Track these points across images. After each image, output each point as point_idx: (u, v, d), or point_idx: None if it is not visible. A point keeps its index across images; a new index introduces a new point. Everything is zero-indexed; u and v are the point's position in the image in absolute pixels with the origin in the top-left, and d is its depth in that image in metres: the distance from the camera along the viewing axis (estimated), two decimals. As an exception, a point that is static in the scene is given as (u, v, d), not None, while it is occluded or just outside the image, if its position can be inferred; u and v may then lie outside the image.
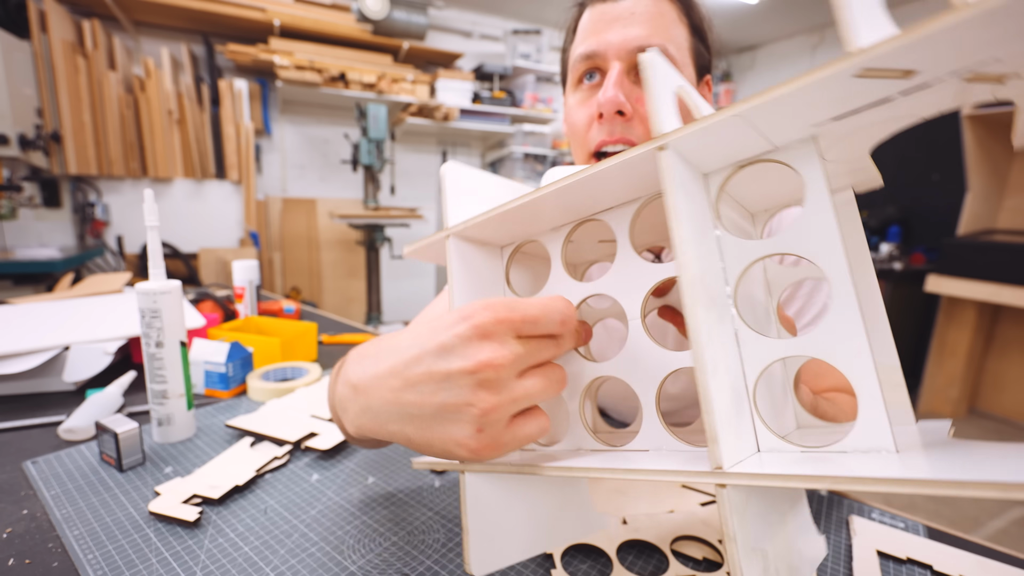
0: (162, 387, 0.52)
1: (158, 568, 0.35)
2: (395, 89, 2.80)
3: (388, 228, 2.82)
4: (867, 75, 0.18)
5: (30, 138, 1.92)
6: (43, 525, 0.40)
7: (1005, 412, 2.59)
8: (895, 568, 0.37)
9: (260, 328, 0.87)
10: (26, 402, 0.64)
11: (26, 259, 1.80)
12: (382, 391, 0.27)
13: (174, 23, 2.58)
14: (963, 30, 0.15)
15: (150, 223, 0.51)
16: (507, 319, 0.25)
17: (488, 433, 0.25)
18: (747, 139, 0.23)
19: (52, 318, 0.78)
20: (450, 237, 0.32)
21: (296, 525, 0.41)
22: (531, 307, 0.26)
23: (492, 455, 0.26)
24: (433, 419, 0.26)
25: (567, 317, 0.27)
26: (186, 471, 0.48)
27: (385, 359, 0.28)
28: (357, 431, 0.30)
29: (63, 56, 2.19)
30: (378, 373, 0.28)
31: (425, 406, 0.26)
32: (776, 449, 0.24)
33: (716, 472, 0.21)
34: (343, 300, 3.22)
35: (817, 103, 0.20)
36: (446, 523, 0.42)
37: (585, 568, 0.37)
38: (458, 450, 0.26)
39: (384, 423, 0.28)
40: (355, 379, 0.30)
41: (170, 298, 0.52)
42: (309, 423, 0.56)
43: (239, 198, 2.76)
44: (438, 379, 0.25)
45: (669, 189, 0.23)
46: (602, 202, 0.30)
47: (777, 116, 0.21)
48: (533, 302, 0.26)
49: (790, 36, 3.70)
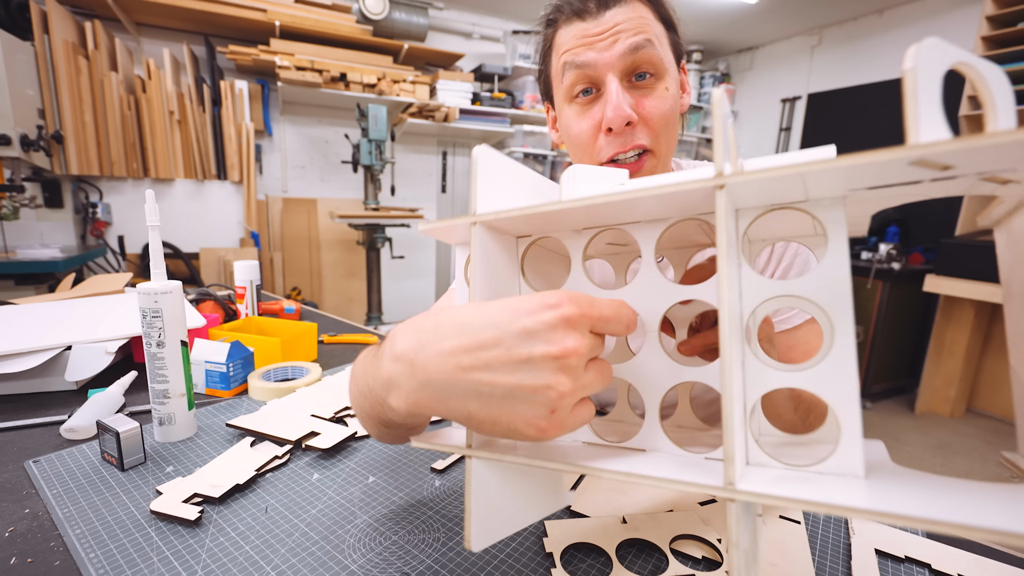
0: (163, 387, 0.53)
1: (159, 567, 0.36)
2: (395, 90, 2.80)
3: (388, 228, 2.82)
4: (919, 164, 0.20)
5: (32, 138, 1.92)
6: (45, 524, 0.40)
7: (1003, 412, 2.59)
8: (893, 567, 0.38)
9: (261, 328, 0.87)
10: (28, 401, 0.64)
11: (28, 259, 1.80)
12: (448, 368, 0.27)
13: (175, 24, 2.59)
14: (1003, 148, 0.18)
15: (151, 223, 0.51)
16: (589, 315, 0.27)
17: (558, 416, 0.26)
18: (792, 189, 0.25)
19: (54, 318, 0.78)
20: (477, 225, 0.32)
21: (297, 524, 0.41)
22: (607, 307, 0.28)
23: (555, 435, 0.27)
24: (504, 398, 0.26)
25: (632, 323, 0.29)
26: (187, 470, 0.48)
27: (452, 337, 0.28)
28: (410, 407, 0.30)
29: (65, 57, 2.20)
30: (444, 350, 0.28)
31: (499, 385, 0.26)
32: (762, 463, 0.27)
33: (727, 488, 0.23)
34: (343, 300, 3.23)
35: (865, 175, 0.23)
36: (446, 522, 0.42)
37: (585, 567, 0.37)
38: (527, 429, 0.27)
39: (446, 398, 0.28)
40: (410, 354, 0.29)
41: (171, 298, 0.52)
42: (309, 423, 0.56)
43: (240, 198, 2.76)
44: (517, 361, 0.26)
45: (720, 227, 0.25)
46: (631, 216, 0.31)
47: (829, 178, 0.23)
48: (608, 303, 0.28)
49: (789, 37, 3.70)
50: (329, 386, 0.68)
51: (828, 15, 3.27)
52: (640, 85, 0.55)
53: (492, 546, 0.39)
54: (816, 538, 0.41)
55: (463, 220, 0.33)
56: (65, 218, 2.41)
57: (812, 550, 0.39)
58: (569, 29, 0.56)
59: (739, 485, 0.23)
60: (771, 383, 0.26)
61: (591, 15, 0.54)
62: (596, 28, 0.54)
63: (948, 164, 0.21)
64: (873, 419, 2.62)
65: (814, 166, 0.22)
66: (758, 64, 3.98)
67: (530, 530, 0.41)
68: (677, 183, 0.26)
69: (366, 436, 0.56)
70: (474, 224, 0.32)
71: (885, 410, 2.74)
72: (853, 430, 0.24)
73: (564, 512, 0.43)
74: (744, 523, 0.24)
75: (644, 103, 0.55)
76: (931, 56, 0.20)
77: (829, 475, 0.25)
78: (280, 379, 0.70)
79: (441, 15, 3.22)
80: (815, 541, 0.40)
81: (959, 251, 2.39)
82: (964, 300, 2.47)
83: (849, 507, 0.20)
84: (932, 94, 0.20)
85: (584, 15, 0.55)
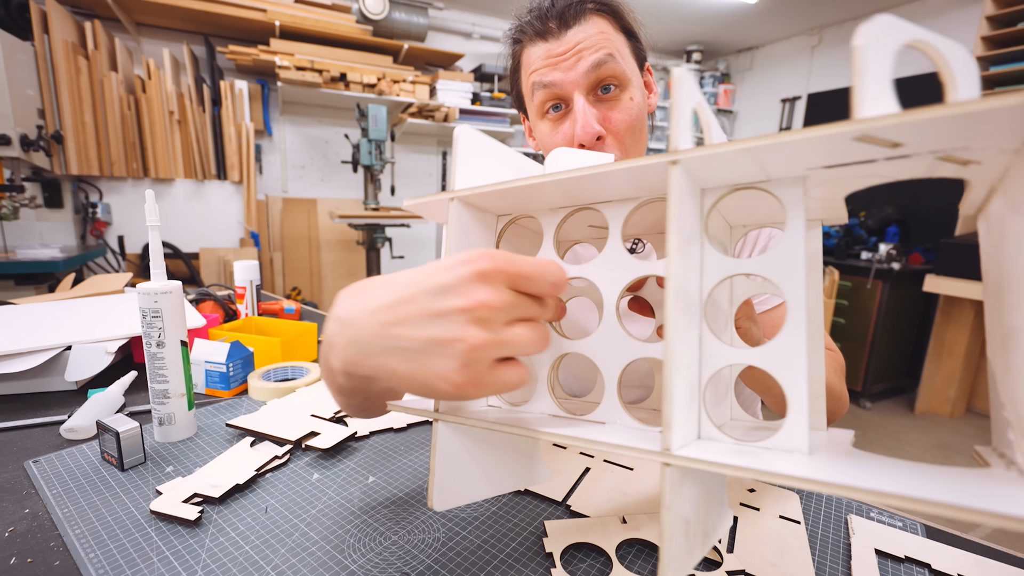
0: (163, 387, 0.53)
1: (159, 567, 0.36)
2: (395, 90, 2.80)
3: (388, 228, 2.82)
4: (864, 140, 0.20)
5: (32, 138, 1.92)
6: (45, 524, 0.40)
7: (1005, 412, 2.58)
8: (893, 567, 0.38)
9: (261, 328, 0.87)
10: (28, 401, 0.64)
11: (28, 259, 1.80)
12: (371, 324, 0.28)
13: (175, 24, 2.59)
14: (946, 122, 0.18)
15: (151, 223, 0.51)
16: (505, 270, 0.27)
17: (473, 370, 0.26)
18: (748, 168, 0.26)
19: (53, 318, 0.78)
20: (454, 200, 0.34)
21: (297, 524, 0.41)
22: (528, 264, 0.28)
23: (472, 393, 0.27)
24: (420, 352, 0.26)
25: (558, 281, 0.28)
26: (187, 470, 0.48)
27: (377, 295, 0.29)
28: (343, 364, 0.31)
29: (65, 57, 2.20)
30: (369, 308, 0.29)
31: (414, 339, 0.27)
32: (713, 438, 0.28)
33: (664, 453, 0.24)
34: (343, 300, 3.22)
35: (816, 152, 0.23)
36: (446, 522, 0.42)
37: (585, 567, 0.37)
38: (441, 384, 0.26)
39: (370, 355, 0.29)
40: (344, 314, 0.30)
41: (171, 298, 0.52)
42: (309, 422, 0.56)
43: (240, 198, 2.76)
44: (432, 314, 0.26)
45: (672, 201, 0.25)
46: (602, 195, 0.32)
47: (780, 156, 0.24)
48: (530, 260, 0.28)
49: (789, 37, 3.70)
50: (329, 386, 0.68)
51: (828, 15, 3.28)
52: (605, 98, 0.58)
53: (492, 546, 0.39)
54: (816, 538, 0.41)
55: (442, 196, 0.34)
56: (65, 218, 2.41)
57: (812, 550, 0.39)
58: (534, 49, 0.59)
59: (675, 451, 0.24)
60: (724, 360, 0.27)
61: (553, 35, 0.57)
62: (559, 48, 0.56)
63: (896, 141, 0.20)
64: (873, 419, 2.62)
65: (762, 141, 0.22)
66: (758, 64, 3.98)
67: (530, 530, 0.41)
68: (639, 160, 0.26)
69: (366, 436, 0.56)
70: (452, 200, 0.34)
71: (885, 410, 2.74)
72: (799, 408, 0.25)
73: (564, 512, 0.44)
74: (681, 490, 0.24)
75: (611, 116, 0.58)
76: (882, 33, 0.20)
77: (775, 450, 0.25)
78: (280, 379, 0.70)
79: (441, 15, 3.22)
80: (815, 541, 0.40)
81: (959, 251, 2.39)
82: (964, 300, 2.47)
83: (781, 474, 0.21)
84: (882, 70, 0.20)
85: (547, 36, 0.57)
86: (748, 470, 0.22)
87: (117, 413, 0.57)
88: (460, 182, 0.34)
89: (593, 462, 0.51)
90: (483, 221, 0.37)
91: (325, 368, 0.35)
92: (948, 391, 2.62)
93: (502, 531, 0.41)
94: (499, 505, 0.45)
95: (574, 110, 0.57)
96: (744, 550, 0.38)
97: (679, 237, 0.25)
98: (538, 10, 0.58)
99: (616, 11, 0.59)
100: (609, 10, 0.59)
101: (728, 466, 0.22)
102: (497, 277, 0.26)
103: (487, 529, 0.41)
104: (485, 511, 0.44)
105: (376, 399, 0.38)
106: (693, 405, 0.27)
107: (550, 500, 0.45)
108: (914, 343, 2.96)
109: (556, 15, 0.56)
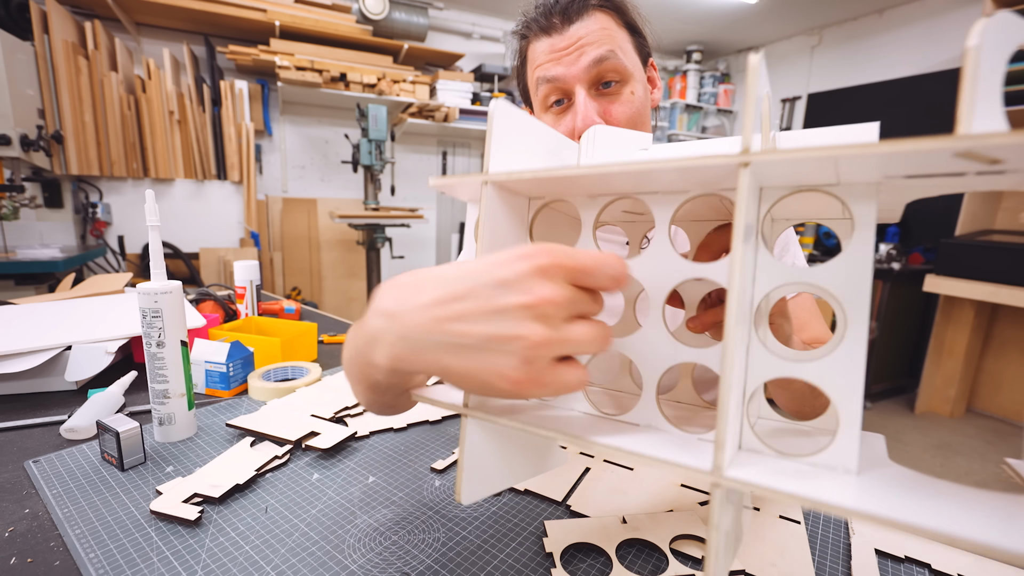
0: (163, 387, 0.53)
1: (159, 567, 0.36)
2: (395, 90, 2.80)
3: (388, 228, 2.82)
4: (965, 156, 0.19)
5: (32, 138, 1.92)
6: (45, 524, 0.40)
7: (1002, 412, 2.59)
8: (893, 567, 0.38)
9: (261, 328, 0.87)
10: (28, 401, 0.64)
11: (28, 259, 1.80)
12: (424, 320, 0.27)
13: (175, 24, 2.58)
14: None
15: (151, 223, 0.51)
16: (565, 265, 0.26)
17: (533, 368, 0.25)
18: (822, 172, 0.24)
19: (54, 318, 0.78)
20: (488, 184, 0.31)
21: (297, 524, 0.41)
22: (587, 258, 0.27)
23: (532, 392, 0.26)
24: (478, 349, 0.26)
25: (619, 275, 0.27)
26: (187, 470, 0.48)
27: (429, 290, 0.28)
28: (390, 361, 0.30)
29: (65, 57, 2.20)
30: (420, 303, 0.28)
31: (472, 336, 0.26)
32: (755, 449, 0.27)
33: (715, 473, 0.23)
34: (343, 300, 3.22)
35: (904, 163, 0.21)
36: (446, 522, 0.42)
37: (585, 567, 0.37)
38: (500, 382, 0.26)
39: (421, 351, 0.28)
40: (391, 308, 0.29)
41: (171, 298, 0.52)
42: (309, 422, 0.56)
43: (240, 198, 2.76)
44: (491, 311, 0.25)
45: (740, 206, 0.23)
46: (648, 185, 0.30)
47: (865, 163, 0.22)
48: (590, 253, 0.27)
49: (789, 37, 3.70)
50: (329, 386, 0.68)
51: (828, 15, 3.27)
52: (607, 92, 0.59)
53: (492, 546, 0.39)
54: (816, 538, 0.41)
55: (474, 179, 0.32)
56: (65, 218, 2.41)
57: (812, 550, 0.39)
58: (539, 44, 0.60)
59: (727, 472, 0.23)
60: (775, 371, 0.26)
61: (557, 30, 0.58)
62: (563, 43, 0.58)
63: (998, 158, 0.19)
64: (873, 419, 2.62)
65: (850, 150, 0.20)
66: (758, 64, 3.98)
67: (530, 530, 0.41)
68: (700, 157, 0.24)
69: (366, 436, 0.56)
70: (485, 184, 0.31)
71: (885, 410, 2.74)
72: (852, 426, 0.24)
73: (564, 512, 0.44)
74: (726, 508, 0.23)
75: (611, 109, 0.59)
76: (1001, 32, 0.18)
77: (821, 467, 0.24)
78: (280, 379, 0.70)
79: (441, 15, 3.22)
80: (815, 541, 0.40)
81: (959, 251, 2.39)
82: (964, 300, 2.47)
83: (836, 505, 0.20)
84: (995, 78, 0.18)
85: (551, 31, 0.59)
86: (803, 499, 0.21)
87: (117, 413, 0.57)
88: (495, 163, 0.31)
89: (593, 462, 0.51)
90: (515, 204, 0.35)
91: (362, 363, 0.34)
92: (948, 391, 2.62)
93: (502, 531, 0.41)
94: (499, 505, 0.45)
95: (576, 103, 0.59)
96: (744, 550, 0.38)
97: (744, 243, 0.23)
98: (543, 6, 0.59)
99: (620, 7, 0.60)
100: (612, 6, 0.60)
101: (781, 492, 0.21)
102: (557, 272, 0.26)
103: (487, 529, 0.41)
104: (485, 511, 0.44)
105: (407, 395, 0.38)
106: (739, 416, 0.26)
107: (550, 500, 0.45)
108: (914, 343, 2.96)
109: (560, 11, 0.58)
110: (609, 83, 0.58)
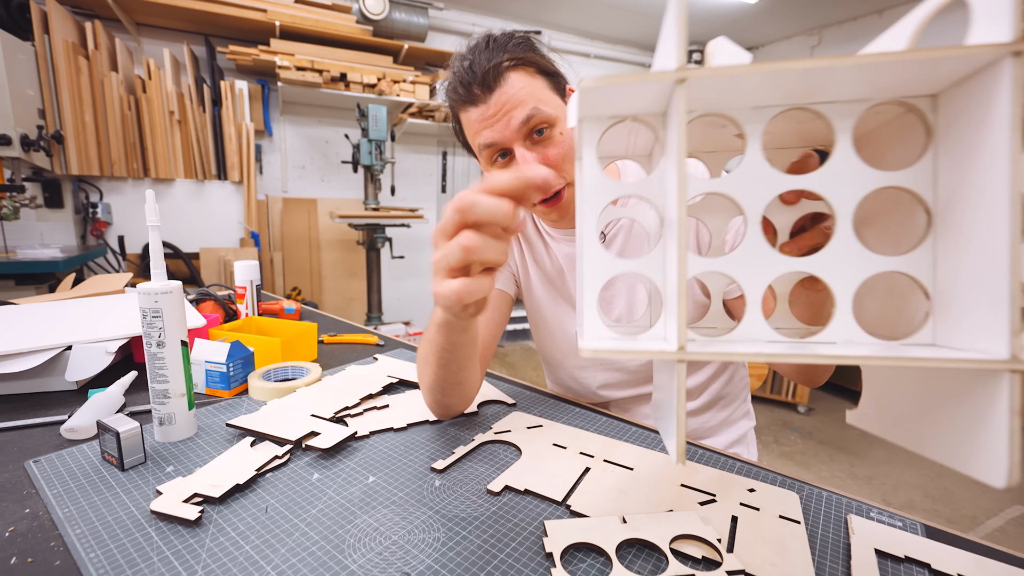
0: (163, 387, 0.53)
1: (159, 567, 0.36)
2: (395, 90, 2.80)
3: (388, 228, 2.82)
4: None
5: (32, 138, 1.92)
6: (45, 524, 0.40)
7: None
8: (893, 567, 0.38)
9: (261, 328, 0.87)
10: (28, 401, 0.64)
11: (28, 259, 1.80)
12: None
13: (175, 24, 2.59)
14: None
15: (151, 223, 0.52)
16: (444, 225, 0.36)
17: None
18: None
19: (54, 318, 0.78)
20: (687, 81, 0.25)
21: (297, 524, 0.41)
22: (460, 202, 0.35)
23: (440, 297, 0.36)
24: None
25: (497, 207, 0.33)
26: (187, 470, 0.48)
27: None
28: None
29: (65, 57, 2.20)
30: None
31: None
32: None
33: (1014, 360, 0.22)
34: (343, 300, 3.23)
35: None
36: (446, 522, 0.42)
37: (584, 567, 0.37)
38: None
39: None
40: None
41: (171, 298, 0.52)
42: (309, 423, 0.56)
43: (240, 198, 2.77)
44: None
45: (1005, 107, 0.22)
46: (822, 94, 0.27)
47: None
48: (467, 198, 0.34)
49: (789, 37, 3.70)
50: (329, 386, 0.68)
51: (828, 15, 3.27)
52: (540, 140, 0.64)
53: (492, 546, 0.39)
54: (816, 538, 0.41)
55: (664, 78, 0.24)
56: (65, 218, 2.41)
57: (812, 550, 0.39)
58: (469, 113, 0.64)
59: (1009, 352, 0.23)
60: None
61: (482, 100, 0.62)
62: (490, 110, 0.62)
63: None
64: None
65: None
66: (758, 64, 3.98)
67: (530, 530, 0.41)
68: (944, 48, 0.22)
69: (366, 436, 0.57)
70: (681, 82, 0.24)
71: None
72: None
73: (564, 512, 0.44)
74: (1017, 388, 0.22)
75: (547, 153, 0.64)
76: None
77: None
78: (280, 379, 0.70)
79: (441, 15, 3.22)
80: (815, 541, 0.40)
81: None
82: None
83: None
84: None
85: (476, 102, 0.63)
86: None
87: (117, 413, 0.57)
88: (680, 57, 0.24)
89: (593, 462, 0.51)
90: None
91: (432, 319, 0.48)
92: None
93: (502, 531, 0.41)
94: (499, 505, 0.45)
95: (516, 158, 0.64)
96: (744, 550, 0.38)
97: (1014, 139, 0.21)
98: (464, 79, 0.63)
99: (530, 60, 0.64)
100: (524, 61, 0.63)
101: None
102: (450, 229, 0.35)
103: (487, 529, 0.41)
104: (485, 511, 0.44)
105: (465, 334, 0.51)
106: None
107: (550, 500, 0.45)
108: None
109: (479, 82, 0.62)
110: (541, 131, 0.63)
